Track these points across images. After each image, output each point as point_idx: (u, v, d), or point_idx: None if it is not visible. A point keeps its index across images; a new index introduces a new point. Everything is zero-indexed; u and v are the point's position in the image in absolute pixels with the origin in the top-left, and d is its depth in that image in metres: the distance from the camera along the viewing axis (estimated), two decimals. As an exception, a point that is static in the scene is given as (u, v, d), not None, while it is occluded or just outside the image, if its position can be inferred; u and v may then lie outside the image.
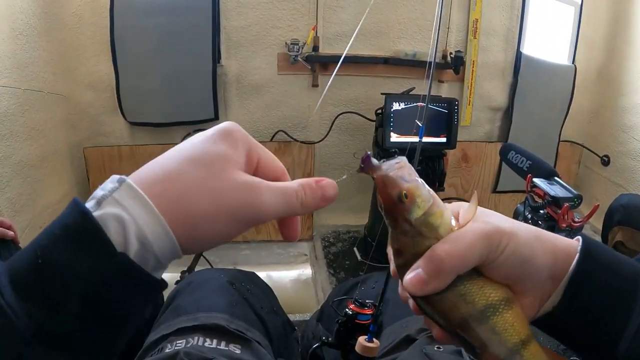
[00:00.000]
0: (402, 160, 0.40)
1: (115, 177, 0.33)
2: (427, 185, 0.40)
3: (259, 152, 0.39)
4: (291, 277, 2.08)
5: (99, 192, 0.32)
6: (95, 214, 0.31)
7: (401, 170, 0.40)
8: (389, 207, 0.39)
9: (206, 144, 0.36)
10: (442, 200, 0.40)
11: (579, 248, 0.40)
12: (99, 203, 0.32)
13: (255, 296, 0.89)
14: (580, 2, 2.48)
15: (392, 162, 0.40)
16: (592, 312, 0.39)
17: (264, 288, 0.99)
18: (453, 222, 0.39)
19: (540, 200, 1.10)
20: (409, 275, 0.38)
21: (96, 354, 0.33)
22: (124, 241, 0.31)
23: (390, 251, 0.42)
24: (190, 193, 0.34)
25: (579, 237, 0.41)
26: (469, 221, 0.39)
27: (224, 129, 0.37)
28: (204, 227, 0.34)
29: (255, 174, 0.38)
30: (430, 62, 1.15)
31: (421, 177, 0.40)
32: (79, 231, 0.31)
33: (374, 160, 0.41)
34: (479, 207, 0.40)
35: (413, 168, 0.40)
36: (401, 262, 0.40)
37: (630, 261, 0.41)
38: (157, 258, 0.33)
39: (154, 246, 0.32)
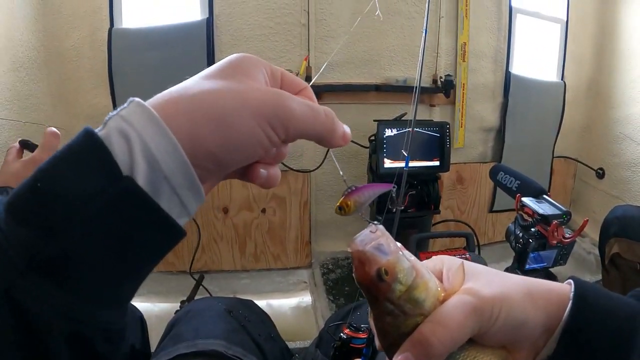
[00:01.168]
0: (378, 228, 0.37)
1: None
2: (407, 253, 0.37)
3: (280, 69, 0.38)
4: (291, 304, 2.07)
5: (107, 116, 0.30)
6: (100, 133, 0.29)
7: (377, 241, 0.36)
8: (368, 286, 0.36)
9: (223, 63, 0.35)
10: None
11: (571, 295, 0.38)
12: (105, 123, 0.30)
13: (253, 323, 0.90)
14: (565, 19, 2.54)
15: (366, 232, 0.37)
16: (590, 357, 0.37)
17: (262, 315, 1.00)
18: (439, 287, 0.37)
19: (530, 219, 1.12)
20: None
21: (96, 295, 0.30)
22: (130, 160, 0.29)
23: (373, 326, 0.39)
24: (211, 97, 0.32)
25: (571, 281, 0.40)
26: (457, 291, 0.37)
27: (238, 54, 0.35)
28: (231, 124, 0.31)
29: (282, 88, 0.37)
30: (416, 87, 1.19)
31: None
32: (81, 150, 0.29)
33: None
34: (464, 261, 0.39)
35: (390, 236, 0.37)
36: (387, 343, 0.37)
37: (627, 300, 0.39)
38: (170, 184, 0.30)
39: (161, 165, 0.29)
